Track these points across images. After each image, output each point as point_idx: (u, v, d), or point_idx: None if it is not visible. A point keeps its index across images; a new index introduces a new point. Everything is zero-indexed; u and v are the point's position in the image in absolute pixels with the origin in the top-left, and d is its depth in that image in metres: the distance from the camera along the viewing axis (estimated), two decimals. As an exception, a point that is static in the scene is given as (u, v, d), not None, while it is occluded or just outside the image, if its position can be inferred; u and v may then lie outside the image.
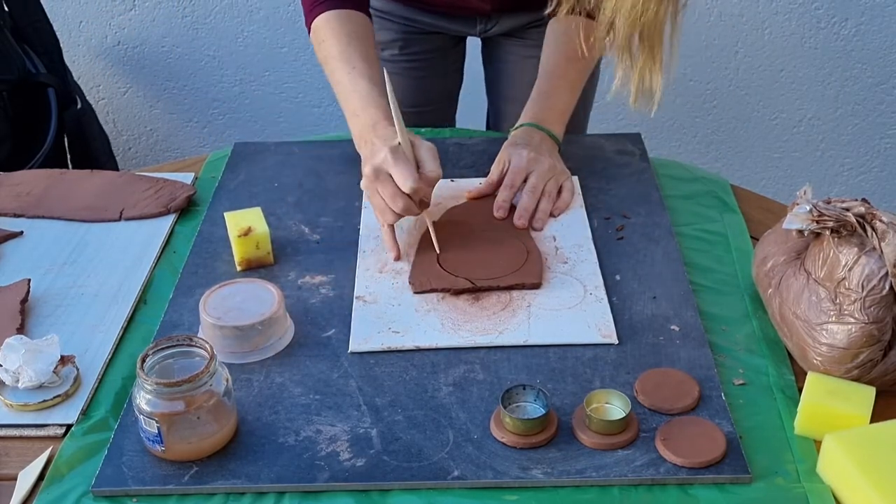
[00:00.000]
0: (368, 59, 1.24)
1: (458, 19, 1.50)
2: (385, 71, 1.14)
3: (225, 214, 1.17)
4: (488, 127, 1.68)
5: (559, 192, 1.24)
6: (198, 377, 0.87)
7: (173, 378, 0.87)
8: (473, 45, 1.62)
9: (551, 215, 1.22)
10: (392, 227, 1.15)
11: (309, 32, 1.31)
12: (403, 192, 1.09)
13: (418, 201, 1.12)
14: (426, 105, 1.59)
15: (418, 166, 1.11)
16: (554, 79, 1.32)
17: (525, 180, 1.23)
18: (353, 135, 1.22)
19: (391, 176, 1.09)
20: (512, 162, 1.24)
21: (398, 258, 1.15)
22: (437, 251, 1.14)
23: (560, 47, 1.32)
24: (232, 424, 0.91)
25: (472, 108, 1.74)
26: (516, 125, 1.30)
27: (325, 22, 1.27)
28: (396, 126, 1.11)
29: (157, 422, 0.87)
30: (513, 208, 1.22)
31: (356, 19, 1.28)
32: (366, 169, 1.12)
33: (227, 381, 0.90)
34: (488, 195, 1.25)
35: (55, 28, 2.16)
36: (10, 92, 2.07)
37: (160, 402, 0.87)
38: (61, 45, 2.18)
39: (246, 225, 1.13)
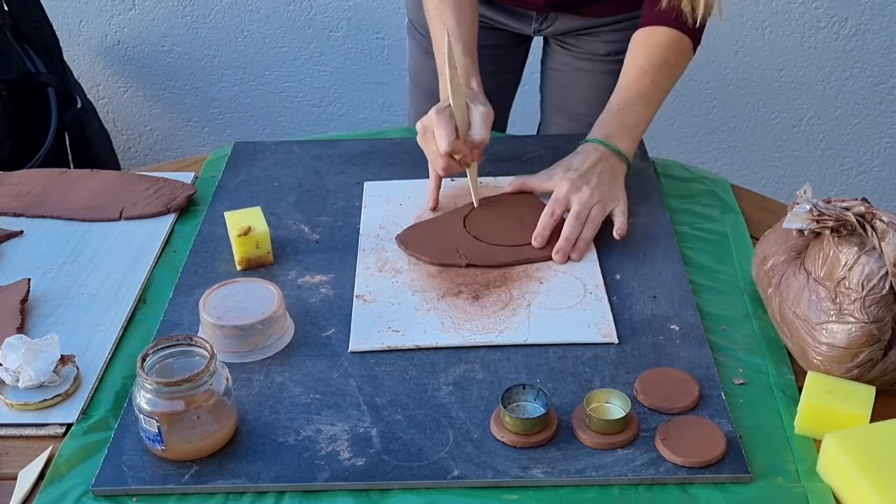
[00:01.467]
0: (459, 15, 1.28)
1: (514, 14, 1.49)
2: (447, 31, 1.18)
3: (225, 214, 1.17)
4: (539, 132, 1.65)
5: (611, 216, 1.18)
6: (198, 376, 0.87)
7: (173, 377, 0.87)
8: (534, 50, 1.60)
9: (614, 234, 1.16)
10: (439, 179, 1.22)
11: None
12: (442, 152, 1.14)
13: (460, 161, 1.17)
14: None
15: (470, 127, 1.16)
16: (627, 91, 1.26)
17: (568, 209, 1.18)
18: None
19: (434, 134, 1.15)
20: (555, 191, 1.19)
21: (434, 208, 1.23)
22: (475, 204, 1.22)
23: (637, 59, 1.27)
24: (232, 424, 0.91)
25: (529, 112, 1.71)
26: (584, 140, 1.25)
27: None
28: (450, 88, 1.14)
29: (157, 421, 0.87)
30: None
31: None
32: (417, 125, 1.19)
33: (227, 380, 0.90)
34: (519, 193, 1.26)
35: (55, 27, 2.16)
36: (9, 91, 2.07)
37: (160, 401, 0.87)
38: (61, 44, 2.18)
39: (246, 224, 1.13)
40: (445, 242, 1.16)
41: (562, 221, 1.16)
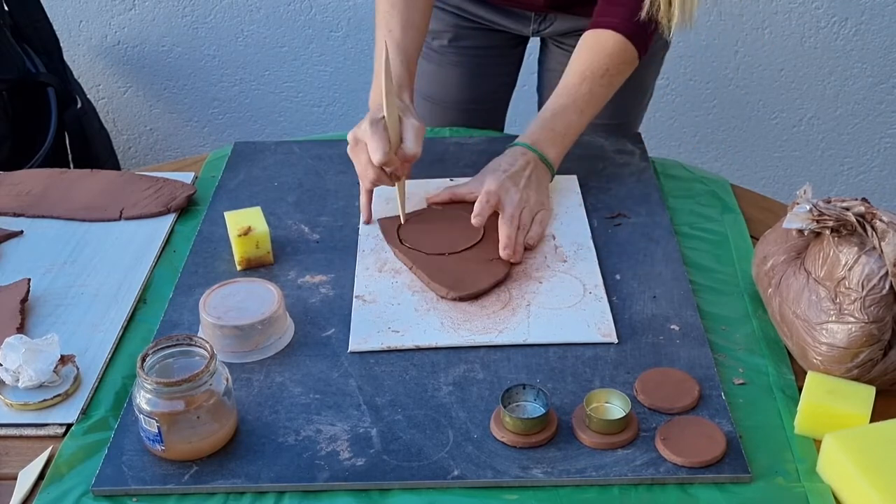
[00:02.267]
0: (406, 22, 1.26)
1: (512, 15, 1.47)
2: (386, 41, 1.19)
3: (225, 214, 1.17)
4: None
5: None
6: (198, 377, 0.87)
7: (173, 377, 0.87)
8: (534, 48, 1.58)
9: (526, 247, 1.16)
10: (369, 192, 1.20)
11: None
12: (373, 164, 1.13)
13: (390, 174, 1.16)
14: (472, 103, 1.55)
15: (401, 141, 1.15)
16: (563, 97, 1.26)
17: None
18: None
19: (367, 146, 1.13)
20: (485, 186, 1.17)
21: (367, 222, 1.21)
22: (402, 220, 1.20)
23: (580, 64, 1.26)
24: (232, 424, 0.91)
25: (529, 112, 1.71)
26: (512, 143, 1.25)
27: None
28: (384, 99, 1.13)
29: (157, 421, 0.87)
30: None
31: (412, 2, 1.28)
32: (349, 135, 1.17)
33: (227, 380, 0.90)
34: (450, 203, 1.23)
35: (55, 27, 2.16)
36: (9, 91, 2.08)
37: (160, 401, 0.87)
38: (61, 44, 2.18)
39: (246, 224, 1.13)
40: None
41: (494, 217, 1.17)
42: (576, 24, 1.45)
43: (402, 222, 1.20)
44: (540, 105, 1.61)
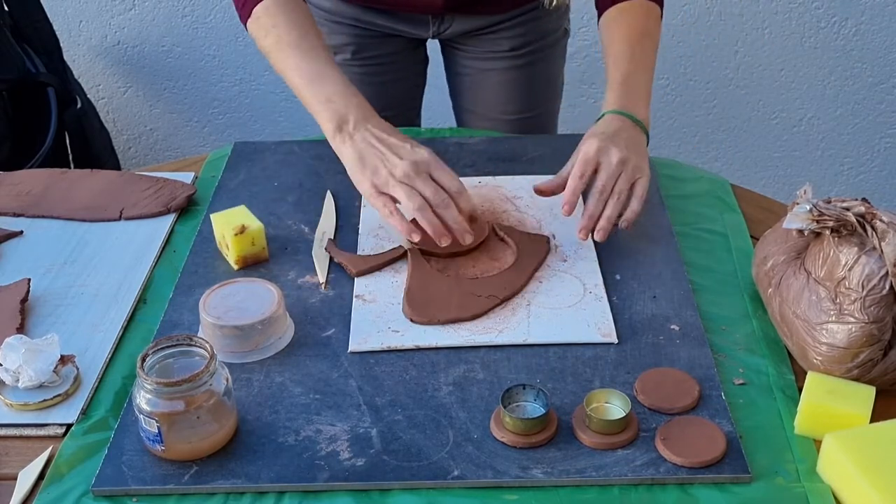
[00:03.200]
0: (327, 49, 1.21)
1: (410, 20, 1.46)
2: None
3: (211, 216, 1.16)
4: None
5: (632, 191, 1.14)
6: (198, 377, 0.87)
7: (173, 378, 0.87)
8: (434, 49, 1.58)
9: (619, 225, 1.12)
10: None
11: (247, 20, 1.27)
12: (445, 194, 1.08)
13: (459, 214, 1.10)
14: (385, 111, 1.47)
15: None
16: (623, 65, 1.24)
17: (596, 172, 1.14)
18: (326, 119, 1.16)
19: (430, 176, 1.09)
20: (584, 150, 1.15)
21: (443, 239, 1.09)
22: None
23: (623, 30, 1.26)
24: (232, 424, 0.91)
25: (440, 112, 1.70)
26: (598, 116, 1.21)
27: (275, 8, 1.22)
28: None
29: (157, 421, 0.87)
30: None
31: (303, 7, 1.24)
32: (402, 163, 1.08)
33: (227, 380, 0.90)
34: (557, 191, 1.18)
35: (55, 27, 2.16)
36: (9, 91, 2.08)
37: (160, 401, 0.87)
38: (61, 44, 2.18)
39: (238, 223, 1.13)
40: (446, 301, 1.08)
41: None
42: (475, 23, 1.45)
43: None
44: (455, 109, 1.61)
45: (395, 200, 1.10)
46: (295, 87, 1.19)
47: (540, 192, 1.19)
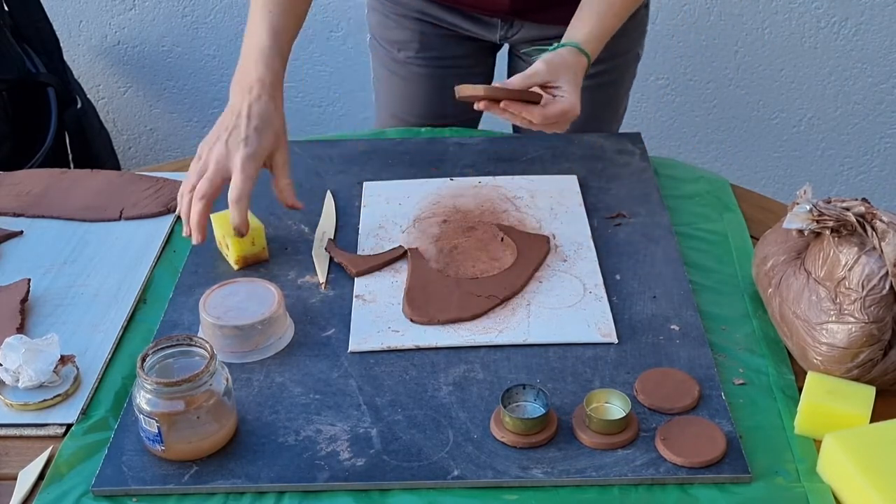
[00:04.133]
0: (286, 9, 1.22)
1: (478, 21, 1.44)
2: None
3: (211, 216, 1.14)
4: None
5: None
6: (198, 377, 0.87)
7: (173, 378, 0.87)
8: (503, 59, 1.55)
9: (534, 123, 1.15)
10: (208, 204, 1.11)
11: None
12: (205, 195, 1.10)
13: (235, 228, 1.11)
14: (442, 119, 1.49)
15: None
16: (604, 4, 1.22)
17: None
18: (237, 71, 1.21)
19: (217, 171, 1.11)
20: (569, 98, 1.16)
21: (201, 241, 1.11)
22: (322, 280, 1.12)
23: None
24: (232, 424, 0.91)
25: (501, 123, 1.69)
26: (561, 43, 1.20)
27: None
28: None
29: (157, 421, 0.87)
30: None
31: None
32: (219, 147, 1.12)
33: (227, 380, 0.90)
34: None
35: (55, 27, 2.16)
36: (10, 91, 2.08)
37: (160, 401, 0.87)
38: (61, 44, 2.18)
39: None
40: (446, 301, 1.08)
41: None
42: (543, 32, 1.42)
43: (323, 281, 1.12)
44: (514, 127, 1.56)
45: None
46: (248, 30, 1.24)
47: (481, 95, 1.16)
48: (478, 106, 1.16)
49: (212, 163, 1.11)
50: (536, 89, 1.17)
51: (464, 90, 1.15)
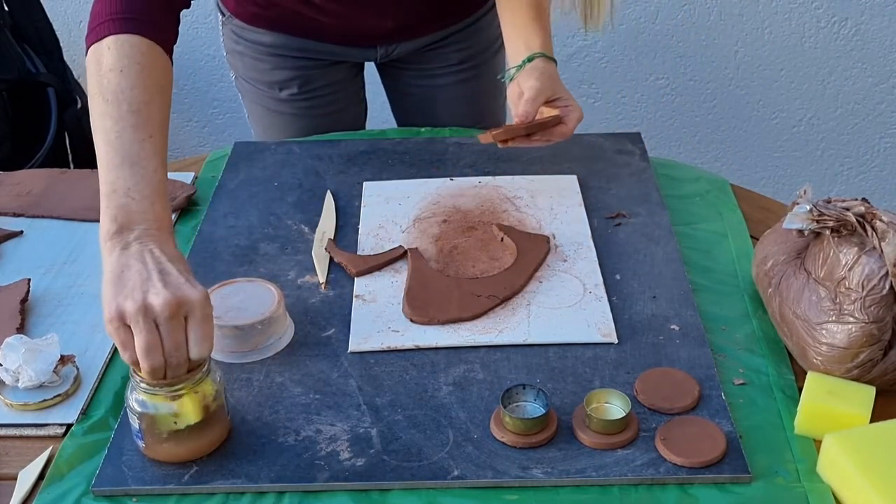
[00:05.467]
0: (163, 132, 0.97)
1: (359, 46, 1.44)
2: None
3: None
4: None
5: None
6: (192, 377, 0.86)
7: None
8: (370, 70, 1.56)
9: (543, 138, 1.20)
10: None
11: (92, 43, 1.00)
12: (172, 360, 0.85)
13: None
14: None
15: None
16: (534, 9, 1.25)
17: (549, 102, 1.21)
18: (109, 215, 0.91)
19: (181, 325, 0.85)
20: (578, 109, 1.22)
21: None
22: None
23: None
24: (223, 428, 0.91)
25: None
26: (529, 56, 1.22)
27: (131, 50, 0.99)
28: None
29: (137, 419, 0.86)
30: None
31: (164, 66, 1.02)
32: (164, 293, 0.84)
33: (221, 381, 0.90)
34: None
35: (55, 27, 2.16)
36: (10, 91, 2.08)
37: (147, 401, 0.86)
38: (61, 44, 2.18)
39: None
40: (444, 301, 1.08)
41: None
42: (421, 42, 1.46)
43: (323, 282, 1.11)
44: (404, 126, 1.58)
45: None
46: (100, 156, 0.95)
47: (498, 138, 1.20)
48: (503, 146, 1.21)
49: (165, 319, 0.84)
50: (544, 109, 1.21)
51: (487, 138, 1.20)
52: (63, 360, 0.98)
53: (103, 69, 0.98)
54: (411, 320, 1.05)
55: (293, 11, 1.37)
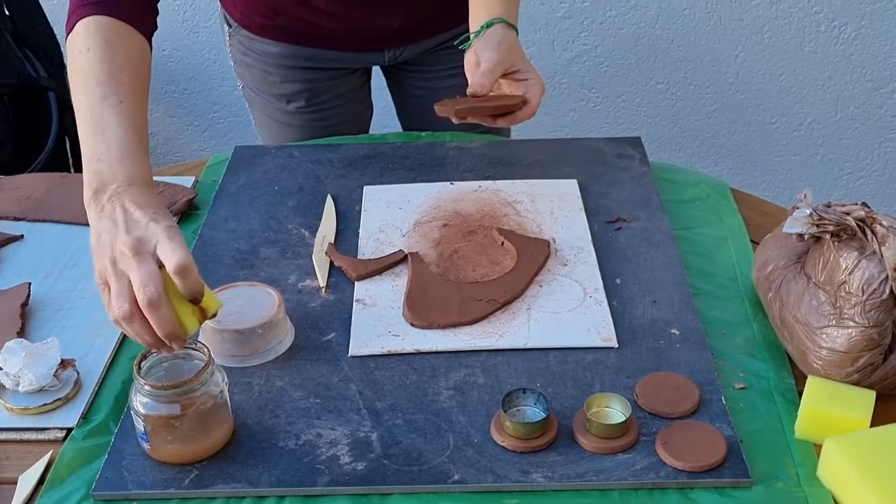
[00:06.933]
0: (136, 97, 1.01)
1: (367, 52, 1.44)
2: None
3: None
4: None
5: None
6: (194, 380, 0.87)
7: (170, 381, 0.87)
8: (375, 74, 1.57)
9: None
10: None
11: (68, 33, 1.07)
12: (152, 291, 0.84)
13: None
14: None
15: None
16: None
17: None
18: (87, 182, 0.93)
19: (155, 256, 0.86)
20: (540, 84, 1.18)
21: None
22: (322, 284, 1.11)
23: None
24: (228, 428, 0.91)
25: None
26: (488, 21, 1.19)
27: (97, 28, 1.03)
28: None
29: (143, 422, 0.86)
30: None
31: (134, 41, 1.05)
32: (125, 239, 0.86)
33: (224, 384, 0.90)
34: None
35: (55, 32, 2.17)
36: (10, 96, 2.08)
37: (156, 404, 0.87)
38: (62, 48, 2.18)
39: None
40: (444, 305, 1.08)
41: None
42: (427, 44, 1.45)
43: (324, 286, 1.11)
44: (410, 130, 1.58)
45: None
46: (80, 134, 0.99)
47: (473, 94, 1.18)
48: (458, 121, 1.18)
49: (128, 262, 0.85)
50: (502, 81, 1.18)
51: (442, 110, 1.17)
52: (63, 364, 0.98)
53: (74, 53, 1.02)
54: (412, 324, 1.05)
55: (299, 18, 1.37)
